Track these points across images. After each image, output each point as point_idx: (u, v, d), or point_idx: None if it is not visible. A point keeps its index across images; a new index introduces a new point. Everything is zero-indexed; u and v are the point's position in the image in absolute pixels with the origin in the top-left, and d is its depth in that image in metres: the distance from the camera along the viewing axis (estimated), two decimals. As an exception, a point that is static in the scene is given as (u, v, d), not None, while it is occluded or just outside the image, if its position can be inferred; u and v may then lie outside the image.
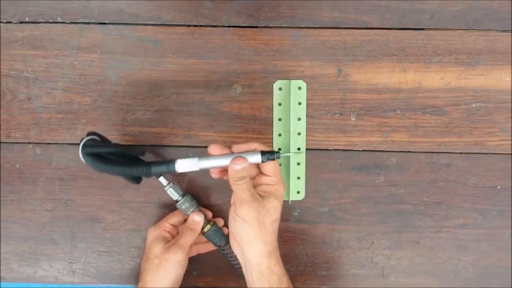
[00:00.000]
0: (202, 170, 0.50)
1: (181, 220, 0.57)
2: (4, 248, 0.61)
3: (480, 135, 0.58)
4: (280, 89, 0.57)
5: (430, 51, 0.57)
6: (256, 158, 0.49)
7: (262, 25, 0.57)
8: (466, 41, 0.56)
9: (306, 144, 0.58)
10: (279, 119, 0.58)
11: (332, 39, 0.56)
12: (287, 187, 0.58)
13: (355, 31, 0.56)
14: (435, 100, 0.57)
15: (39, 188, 0.60)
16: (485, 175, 0.59)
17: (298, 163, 0.58)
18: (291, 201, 0.59)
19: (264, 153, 0.49)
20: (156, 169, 0.50)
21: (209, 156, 0.50)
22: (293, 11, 0.56)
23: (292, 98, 0.57)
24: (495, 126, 0.58)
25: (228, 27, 0.57)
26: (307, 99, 0.57)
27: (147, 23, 0.57)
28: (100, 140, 0.51)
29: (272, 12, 0.56)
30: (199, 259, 0.59)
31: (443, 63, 0.57)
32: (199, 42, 0.57)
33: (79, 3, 0.56)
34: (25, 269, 0.62)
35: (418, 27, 0.56)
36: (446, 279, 0.61)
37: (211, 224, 0.55)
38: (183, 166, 0.50)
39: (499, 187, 0.59)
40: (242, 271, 0.52)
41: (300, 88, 0.57)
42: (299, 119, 0.57)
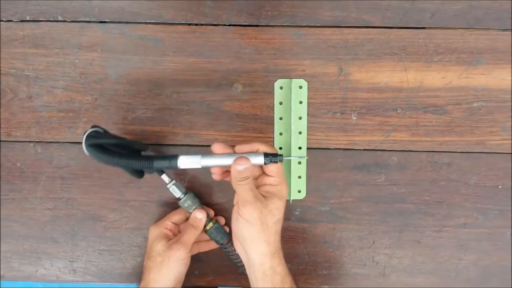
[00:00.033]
0: (204, 168, 0.50)
1: (183, 218, 0.57)
2: (5, 246, 0.61)
3: (481, 134, 0.58)
4: (281, 88, 0.57)
5: (431, 50, 0.57)
6: (259, 159, 0.48)
7: (263, 24, 0.56)
8: (467, 40, 0.56)
9: (307, 143, 0.58)
10: (280, 118, 0.58)
11: (333, 38, 0.56)
12: (288, 186, 0.58)
13: (356, 30, 0.56)
14: (436, 99, 0.57)
15: (40, 186, 0.60)
16: (486, 175, 0.59)
17: (299, 162, 0.58)
18: (292, 200, 0.59)
19: (267, 155, 0.49)
20: (158, 163, 0.49)
21: (212, 154, 0.50)
22: (294, 9, 0.56)
23: (293, 97, 0.57)
24: (496, 125, 0.58)
25: (229, 25, 0.57)
26: (308, 98, 0.57)
27: (147, 21, 0.57)
28: (103, 132, 0.51)
29: (273, 11, 0.56)
30: (200, 258, 0.59)
31: (444, 62, 0.57)
32: (200, 40, 0.57)
33: (80, 1, 0.56)
34: (26, 267, 0.61)
35: (419, 26, 0.56)
36: (447, 279, 0.61)
37: (213, 222, 0.55)
38: (185, 162, 0.49)
39: (500, 187, 0.59)
40: (244, 269, 0.52)
41: (301, 87, 0.57)
42: (300, 118, 0.57)
